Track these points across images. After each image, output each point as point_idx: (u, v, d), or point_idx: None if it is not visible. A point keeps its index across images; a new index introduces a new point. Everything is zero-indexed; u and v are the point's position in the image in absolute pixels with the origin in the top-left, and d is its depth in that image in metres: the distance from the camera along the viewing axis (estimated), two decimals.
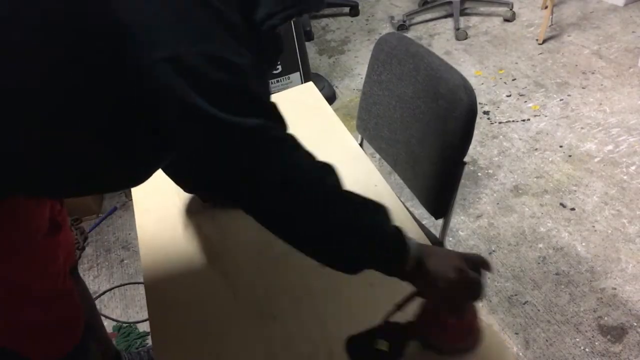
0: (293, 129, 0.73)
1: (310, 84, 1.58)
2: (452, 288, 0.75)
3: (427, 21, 3.44)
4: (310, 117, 1.43)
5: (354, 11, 3.67)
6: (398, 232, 0.75)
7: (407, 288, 0.80)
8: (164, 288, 1.04)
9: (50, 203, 0.98)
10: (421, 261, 0.75)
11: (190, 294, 1.02)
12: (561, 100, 2.56)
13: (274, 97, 1.61)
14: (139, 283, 1.95)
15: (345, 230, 0.71)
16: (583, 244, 1.85)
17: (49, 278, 0.93)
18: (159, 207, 1.24)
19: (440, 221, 1.17)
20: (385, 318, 0.83)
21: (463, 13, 3.41)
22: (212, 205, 1.22)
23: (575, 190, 2.07)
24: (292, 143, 0.71)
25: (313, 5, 0.77)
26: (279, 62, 2.50)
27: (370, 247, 0.73)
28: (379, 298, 0.95)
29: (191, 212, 1.21)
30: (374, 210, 0.74)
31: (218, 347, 0.91)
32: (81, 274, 1.47)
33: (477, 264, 0.78)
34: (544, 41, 3.01)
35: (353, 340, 0.82)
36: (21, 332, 0.92)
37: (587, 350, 1.54)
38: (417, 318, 0.83)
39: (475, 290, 0.78)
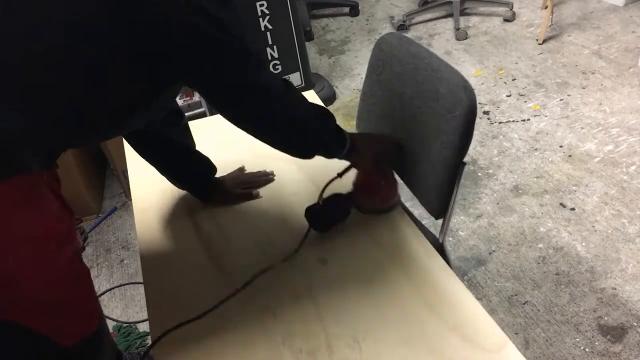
0: None
1: (311, 92, 1.58)
2: (376, 156, 1.08)
3: (427, 21, 3.44)
4: None
5: (354, 11, 3.67)
6: (339, 127, 1.02)
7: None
8: (164, 288, 1.04)
9: (49, 185, 0.98)
10: (354, 143, 1.03)
11: (190, 293, 1.02)
12: (561, 100, 2.57)
13: None
14: (139, 283, 1.95)
15: (307, 130, 0.97)
16: (583, 244, 1.85)
17: (68, 257, 0.93)
18: (158, 207, 1.24)
19: (440, 221, 1.17)
20: (327, 184, 1.11)
21: (463, 13, 3.41)
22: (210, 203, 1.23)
23: (575, 190, 2.07)
24: (268, 65, 0.96)
25: None
26: (277, 58, 2.51)
27: (322, 140, 1.01)
28: (378, 295, 0.95)
29: (191, 211, 1.21)
30: (325, 114, 1.00)
31: (218, 346, 0.91)
32: None
33: (391, 141, 1.15)
34: (544, 41, 3.01)
35: (310, 209, 1.08)
36: (39, 309, 0.92)
37: (587, 350, 1.54)
38: (353, 189, 1.12)
39: (393, 157, 1.15)
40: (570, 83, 2.67)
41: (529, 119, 2.48)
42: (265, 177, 1.26)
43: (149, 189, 1.29)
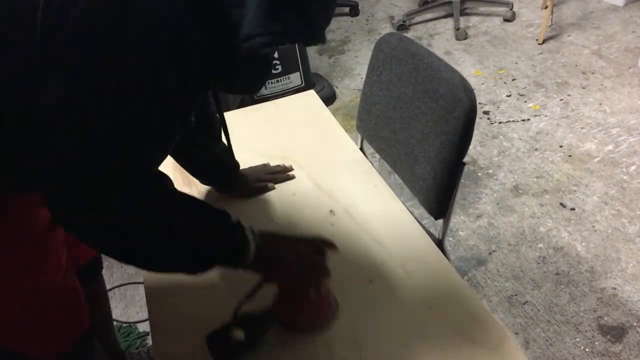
0: (294, 135, 0.75)
1: (312, 91, 1.59)
2: (292, 272, 0.83)
3: (427, 21, 3.44)
4: (311, 123, 1.44)
5: (354, 11, 3.67)
6: (237, 227, 0.79)
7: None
8: (164, 288, 1.04)
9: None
10: (261, 250, 0.79)
11: (190, 294, 1.02)
12: (561, 100, 2.57)
13: (275, 101, 1.62)
14: (139, 283, 1.94)
15: (191, 240, 0.75)
16: (583, 244, 1.85)
17: (47, 274, 0.93)
18: None
19: (440, 221, 1.17)
20: (235, 309, 0.86)
21: (463, 13, 3.41)
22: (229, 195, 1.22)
23: (575, 190, 2.07)
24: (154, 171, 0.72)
25: (302, 39, 0.71)
26: (277, 58, 2.50)
27: (212, 247, 0.77)
28: (378, 294, 0.95)
29: None
30: (213, 213, 0.78)
31: None
32: None
33: (319, 246, 0.87)
34: (544, 41, 3.01)
35: (212, 337, 0.85)
36: (14, 329, 0.92)
37: (587, 350, 1.54)
38: (273, 303, 0.87)
39: (319, 270, 0.85)
40: (570, 83, 2.67)
41: (529, 119, 2.48)
42: (283, 175, 1.26)
43: None
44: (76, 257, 1.07)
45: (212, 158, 1.17)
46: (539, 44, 3.00)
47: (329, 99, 2.78)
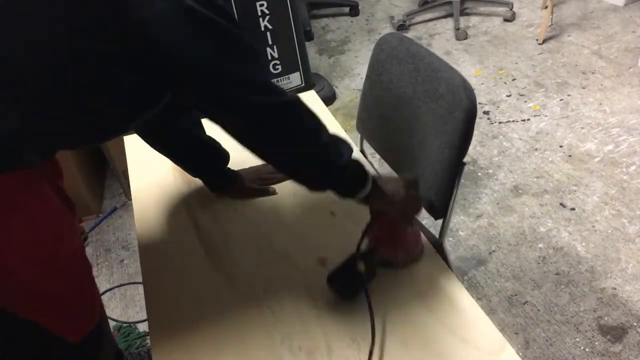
0: None
1: (312, 91, 1.58)
2: (403, 203, 0.95)
3: (427, 21, 3.44)
4: None
5: (354, 11, 3.67)
6: (359, 163, 0.92)
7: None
8: (163, 288, 1.04)
9: (50, 179, 0.98)
10: (376, 185, 0.92)
11: (190, 293, 1.02)
12: (561, 100, 2.57)
13: None
14: (139, 283, 1.95)
15: (328, 166, 0.89)
16: (583, 244, 1.85)
17: (70, 252, 0.93)
18: (158, 207, 1.24)
19: (440, 221, 1.17)
20: (358, 246, 0.97)
21: (463, 13, 3.41)
22: (219, 194, 1.23)
23: (575, 190, 2.07)
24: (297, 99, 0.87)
25: None
26: (277, 58, 2.51)
27: (339, 176, 0.90)
28: (377, 296, 0.95)
29: (190, 210, 1.21)
30: (344, 147, 0.91)
31: (218, 345, 0.91)
32: None
33: (412, 184, 0.99)
34: (544, 41, 3.01)
35: (332, 276, 0.95)
36: (45, 304, 0.92)
37: (587, 350, 1.54)
38: (373, 243, 0.98)
39: (418, 204, 1.00)
40: (570, 83, 2.67)
41: (529, 119, 2.48)
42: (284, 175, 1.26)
43: (149, 189, 1.29)
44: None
45: (194, 142, 1.18)
46: (539, 44, 3.00)
47: (329, 99, 2.78)
